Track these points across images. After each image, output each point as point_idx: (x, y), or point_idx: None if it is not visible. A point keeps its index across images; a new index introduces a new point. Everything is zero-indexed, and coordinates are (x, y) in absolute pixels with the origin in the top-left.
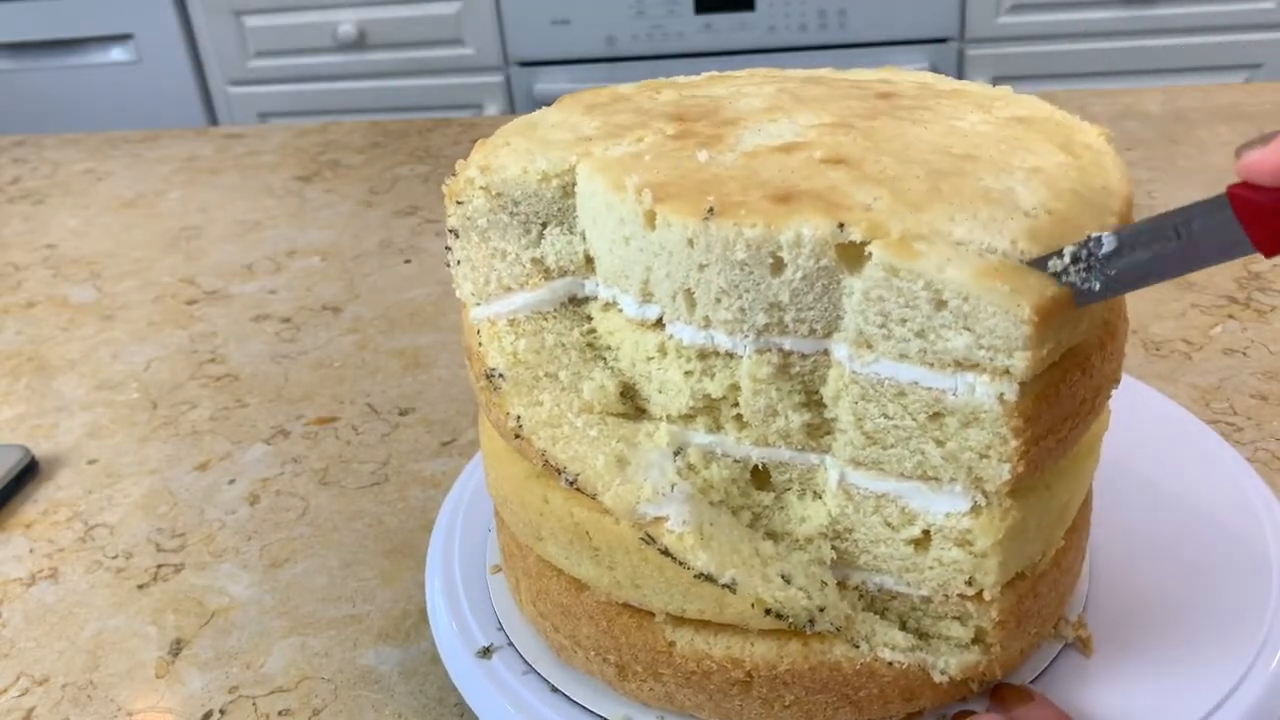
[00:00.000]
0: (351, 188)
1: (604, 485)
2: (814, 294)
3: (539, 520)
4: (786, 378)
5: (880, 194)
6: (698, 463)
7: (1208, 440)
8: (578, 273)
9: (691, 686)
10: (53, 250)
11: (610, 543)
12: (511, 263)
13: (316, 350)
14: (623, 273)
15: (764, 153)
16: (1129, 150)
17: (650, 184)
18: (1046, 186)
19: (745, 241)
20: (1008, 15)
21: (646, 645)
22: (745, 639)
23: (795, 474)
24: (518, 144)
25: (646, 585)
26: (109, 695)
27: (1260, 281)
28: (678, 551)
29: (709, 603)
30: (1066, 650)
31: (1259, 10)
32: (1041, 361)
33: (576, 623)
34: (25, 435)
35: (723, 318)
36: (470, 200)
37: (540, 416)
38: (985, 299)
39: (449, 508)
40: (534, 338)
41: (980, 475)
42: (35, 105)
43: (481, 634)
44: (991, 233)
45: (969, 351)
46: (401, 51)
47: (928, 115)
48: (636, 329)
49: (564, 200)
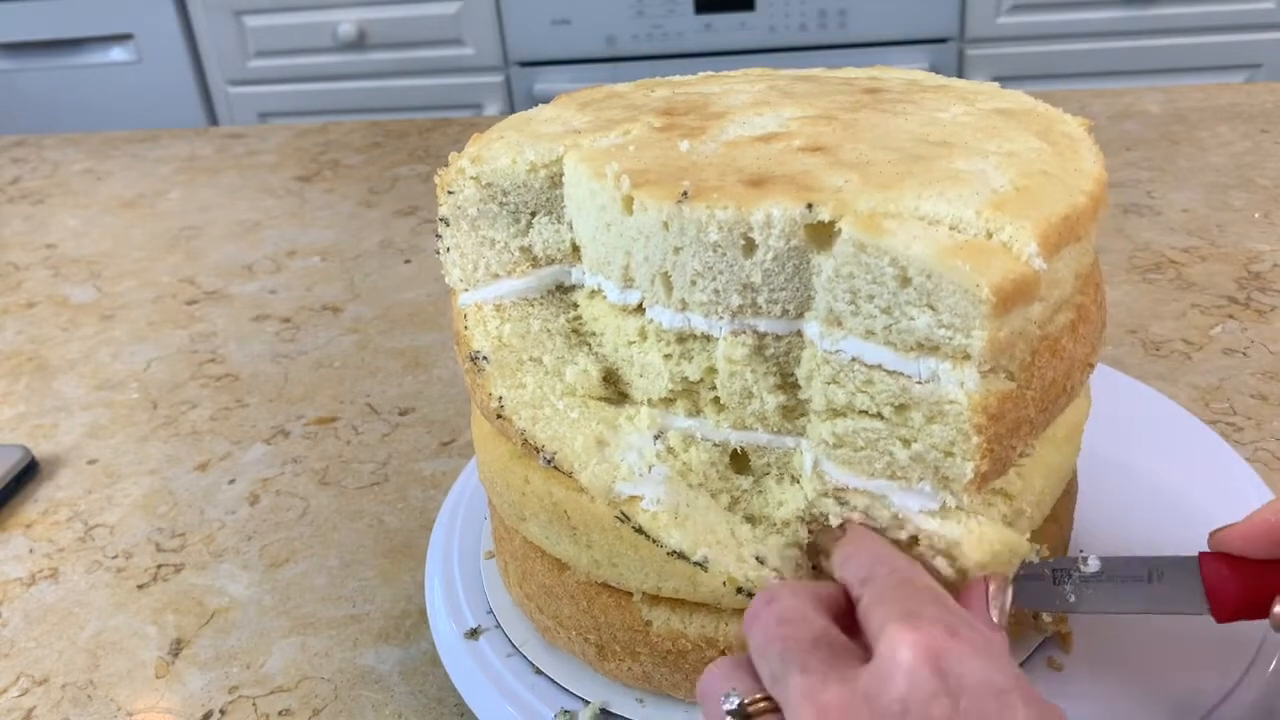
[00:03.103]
0: (351, 188)
1: (580, 464)
2: (785, 274)
3: (521, 501)
4: (761, 359)
5: (851, 177)
6: (678, 446)
7: (1208, 440)
8: (565, 261)
9: (668, 666)
10: (53, 250)
11: (587, 521)
12: (500, 251)
13: (316, 350)
14: (605, 259)
15: (744, 142)
16: (1129, 150)
17: (629, 170)
18: (1017, 168)
19: (717, 223)
20: (1008, 15)
21: (624, 624)
22: (720, 618)
23: (773, 458)
24: (510, 137)
25: (623, 564)
26: (109, 695)
27: (1260, 281)
28: (651, 530)
29: (683, 581)
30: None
31: (1259, 10)
32: (1000, 345)
33: (559, 603)
34: (25, 435)
35: (698, 300)
36: (461, 190)
37: (522, 398)
38: (947, 276)
39: (449, 507)
40: (519, 323)
41: (946, 475)
42: (35, 105)
43: (472, 616)
44: (957, 206)
45: (930, 331)
46: (401, 51)
47: (910, 108)
48: (619, 314)
49: (552, 190)
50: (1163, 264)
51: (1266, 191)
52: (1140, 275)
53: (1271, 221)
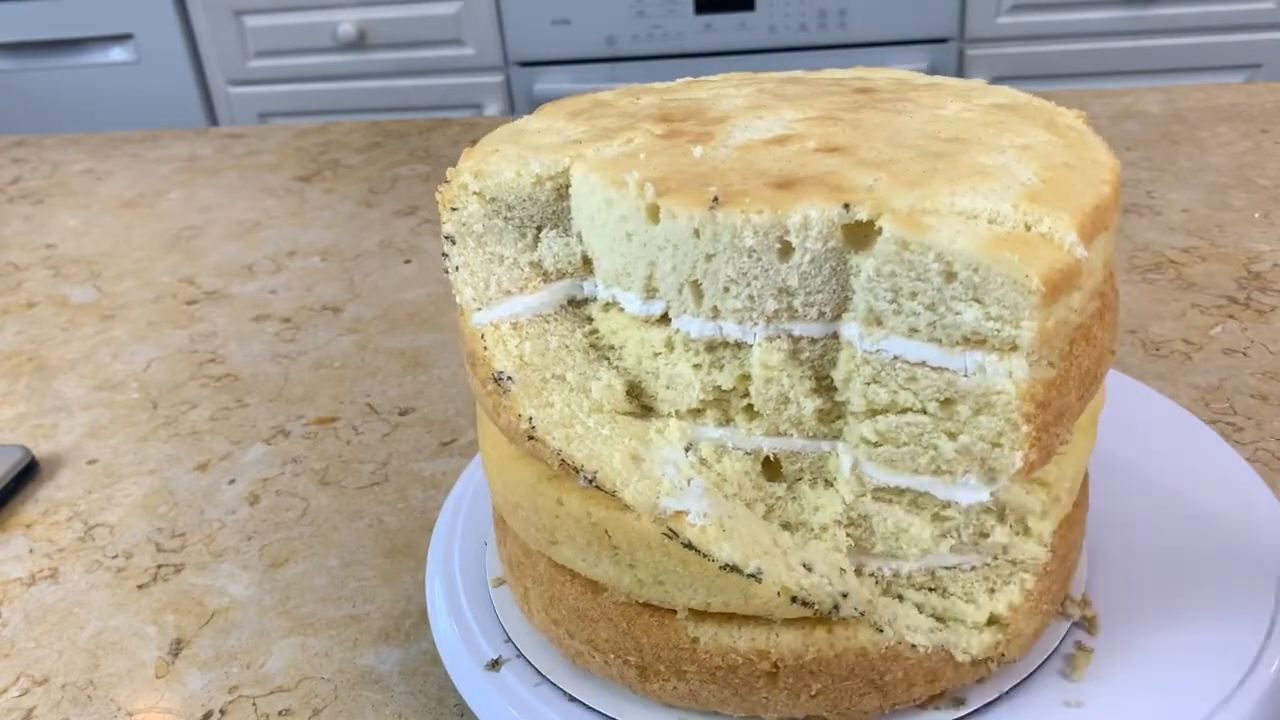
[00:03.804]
0: (351, 188)
1: (623, 482)
2: (822, 276)
3: (554, 524)
4: (797, 364)
5: (879, 175)
6: (709, 457)
7: (1208, 440)
8: (576, 274)
9: (716, 682)
10: (53, 250)
11: (631, 540)
12: (510, 267)
13: (316, 350)
14: (624, 270)
15: (757, 146)
16: (1129, 150)
17: (651, 179)
18: (1038, 160)
19: (753, 227)
20: (1008, 15)
21: (669, 643)
22: (770, 630)
23: (807, 463)
24: (507, 150)
25: (669, 581)
26: (109, 695)
27: (1260, 281)
28: (701, 544)
29: (734, 594)
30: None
31: (1259, 10)
32: (1048, 335)
33: (594, 626)
34: (25, 435)
35: (732, 307)
36: (465, 206)
37: (552, 418)
38: (995, 269)
39: (448, 511)
40: (538, 340)
41: (994, 466)
42: (35, 105)
43: (489, 647)
44: (993, 200)
45: (977, 325)
46: (401, 51)
47: (909, 106)
48: (641, 326)
49: (558, 203)
50: (1163, 264)
51: (1266, 191)
52: (1140, 275)
53: (1271, 221)
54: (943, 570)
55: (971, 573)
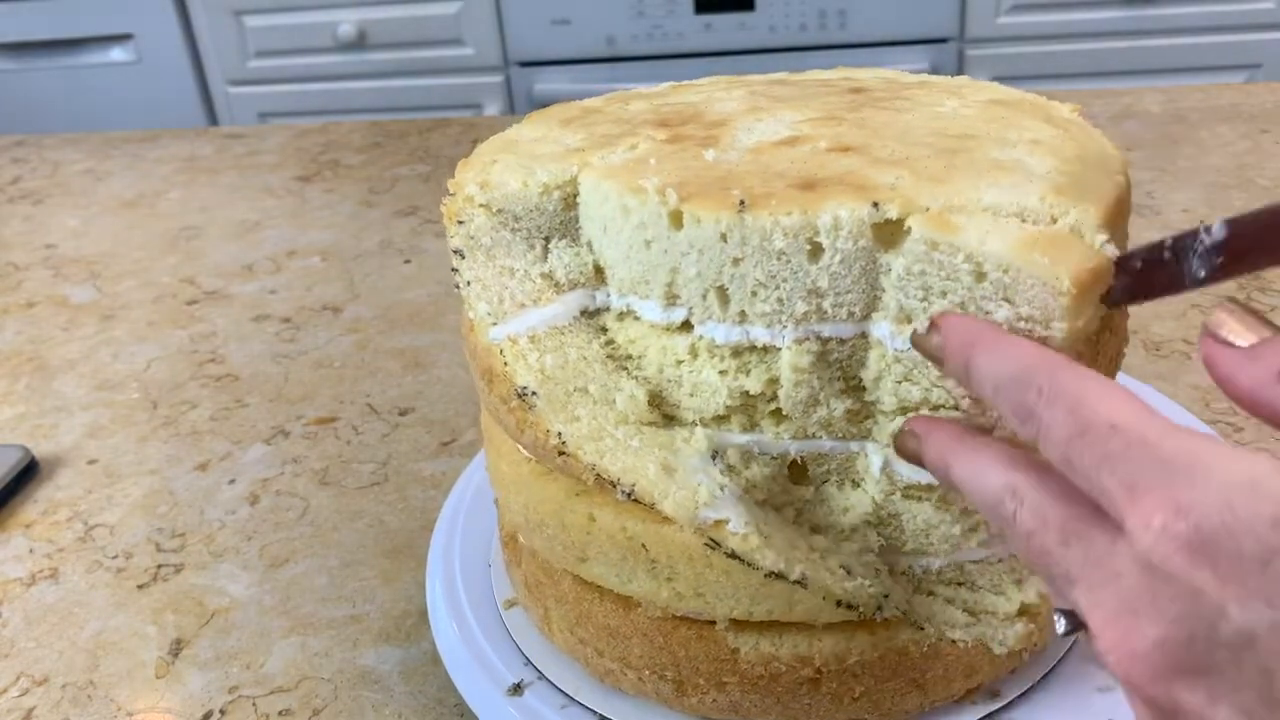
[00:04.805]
0: (351, 188)
1: (661, 494)
2: (852, 276)
3: (584, 540)
4: (826, 365)
5: (900, 173)
6: (737, 464)
7: None
8: (588, 284)
9: (758, 691)
10: (53, 250)
11: (670, 553)
12: (521, 279)
13: (316, 350)
14: (642, 278)
15: (768, 148)
16: (1129, 150)
17: (670, 184)
18: (1051, 154)
19: (783, 230)
20: (1008, 15)
21: (708, 655)
22: (811, 636)
23: (833, 465)
24: (507, 160)
25: (709, 592)
26: (109, 695)
27: (1260, 281)
28: (744, 553)
29: (778, 602)
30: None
31: (1259, 10)
32: (1078, 333)
33: (626, 643)
34: (25, 435)
35: (760, 311)
36: (472, 219)
37: (581, 432)
38: (1025, 271)
39: (450, 508)
40: (557, 353)
41: None
42: (35, 105)
43: (509, 671)
44: (1018, 195)
45: (1009, 324)
46: (401, 51)
47: (906, 104)
48: (661, 334)
49: (566, 213)
50: None
51: (1266, 191)
52: None
53: None
54: (970, 564)
55: (998, 565)
